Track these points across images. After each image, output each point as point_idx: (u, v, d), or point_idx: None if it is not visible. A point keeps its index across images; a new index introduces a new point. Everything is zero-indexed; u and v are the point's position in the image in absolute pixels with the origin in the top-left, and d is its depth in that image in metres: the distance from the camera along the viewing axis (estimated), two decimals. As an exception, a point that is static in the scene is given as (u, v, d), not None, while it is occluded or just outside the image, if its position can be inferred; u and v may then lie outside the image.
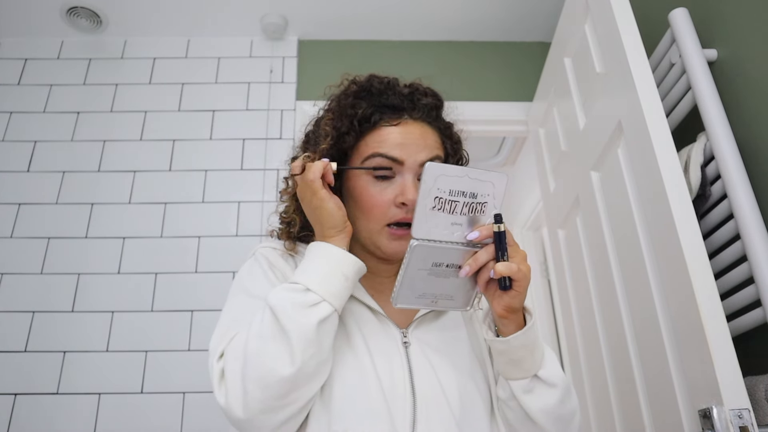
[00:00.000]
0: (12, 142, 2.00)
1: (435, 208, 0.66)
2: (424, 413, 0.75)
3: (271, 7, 2.09)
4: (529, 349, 0.76)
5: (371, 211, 0.83)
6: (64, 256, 1.84)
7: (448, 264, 0.69)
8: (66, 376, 1.69)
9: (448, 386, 0.78)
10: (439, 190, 0.65)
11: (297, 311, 0.69)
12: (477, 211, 0.67)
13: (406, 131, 0.85)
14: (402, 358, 0.79)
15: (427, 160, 0.83)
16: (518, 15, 2.17)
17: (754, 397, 1.04)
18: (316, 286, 0.72)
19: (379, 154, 0.83)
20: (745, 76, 1.21)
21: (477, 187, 0.66)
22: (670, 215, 1.08)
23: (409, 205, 0.80)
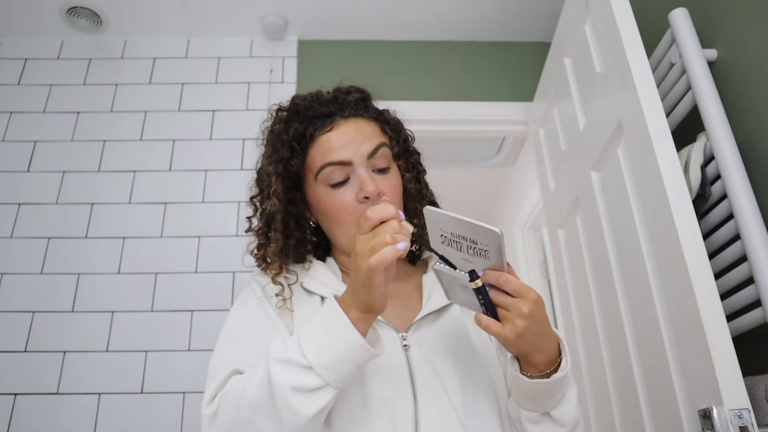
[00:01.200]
0: (12, 142, 2.00)
1: (444, 244, 0.69)
2: (426, 412, 0.74)
3: (271, 7, 2.10)
4: (550, 393, 0.74)
5: (340, 217, 0.84)
6: (64, 256, 1.84)
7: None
8: (66, 376, 1.69)
9: (451, 386, 0.77)
10: (442, 230, 0.68)
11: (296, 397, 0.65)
12: (482, 256, 0.68)
13: (342, 132, 0.87)
14: (402, 363, 0.78)
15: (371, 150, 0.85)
16: (518, 15, 2.17)
17: (754, 397, 1.04)
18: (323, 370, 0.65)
19: (327, 164, 0.84)
20: (745, 76, 1.21)
21: (475, 235, 0.66)
22: (670, 215, 1.08)
23: (372, 197, 0.82)
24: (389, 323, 0.82)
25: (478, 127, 2.20)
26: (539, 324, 0.70)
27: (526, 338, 0.69)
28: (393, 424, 0.73)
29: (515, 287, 0.68)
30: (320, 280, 0.87)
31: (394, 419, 0.73)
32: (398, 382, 0.76)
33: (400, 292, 0.89)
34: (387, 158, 0.88)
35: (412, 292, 0.90)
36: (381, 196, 0.83)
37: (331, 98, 0.92)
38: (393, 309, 0.85)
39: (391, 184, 0.87)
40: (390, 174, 0.88)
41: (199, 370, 1.71)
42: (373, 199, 0.82)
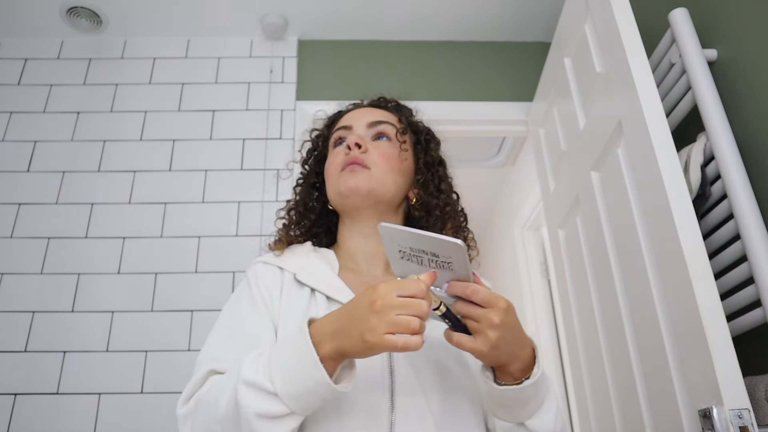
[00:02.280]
0: (12, 142, 2.00)
1: (403, 259, 0.68)
2: (403, 416, 0.74)
3: (271, 7, 2.09)
4: (522, 401, 0.73)
5: (329, 169, 0.96)
6: (64, 256, 1.84)
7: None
8: (66, 376, 1.69)
9: (432, 392, 0.77)
10: (401, 245, 0.67)
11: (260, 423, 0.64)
12: (445, 268, 0.66)
13: (356, 110, 1.03)
14: (384, 361, 0.78)
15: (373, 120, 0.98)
16: (518, 15, 2.17)
17: (754, 397, 1.04)
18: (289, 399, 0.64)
19: (335, 130, 1.01)
20: (745, 76, 1.21)
21: (436, 248, 0.65)
22: (670, 215, 1.08)
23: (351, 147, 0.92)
24: None
25: (478, 127, 2.20)
26: (512, 332, 0.68)
27: (500, 348, 0.67)
28: (367, 421, 0.72)
29: (484, 297, 0.66)
30: (314, 272, 0.87)
31: (369, 421, 0.73)
32: (377, 383, 0.76)
33: None
34: (389, 134, 0.98)
35: None
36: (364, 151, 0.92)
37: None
38: None
39: (381, 150, 0.94)
40: (386, 143, 0.96)
41: (199, 370, 1.71)
42: (352, 148, 0.92)
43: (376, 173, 0.91)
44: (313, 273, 0.87)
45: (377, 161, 0.92)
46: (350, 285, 0.86)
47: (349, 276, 0.89)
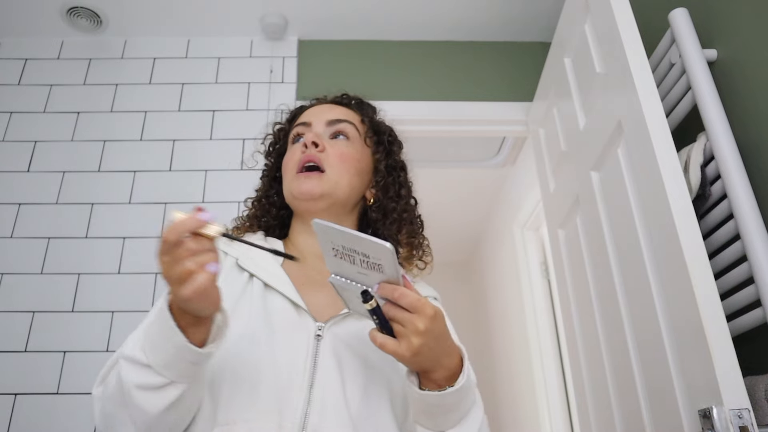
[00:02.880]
0: (12, 142, 2.01)
1: (336, 257, 0.67)
2: (318, 403, 0.73)
3: (271, 7, 2.10)
4: (445, 408, 0.71)
5: (286, 166, 0.95)
6: (64, 256, 1.84)
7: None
8: (66, 376, 1.69)
9: (352, 384, 0.76)
10: (334, 243, 0.66)
11: (141, 395, 0.65)
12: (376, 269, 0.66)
13: (317, 107, 1.03)
14: (310, 350, 0.77)
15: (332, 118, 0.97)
16: (518, 15, 2.17)
17: (754, 397, 1.04)
18: (162, 369, 0.65)
19: (294, 126, 1.00)
20: (745, 76, 1.22)
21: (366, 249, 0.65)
22: (670, 215, 1.08)
23: (308, 145, 0.92)
24: (310, 311, 0.81)
25: (478, 127, 2.20)
26: (437, 340, 0.67)
27: (423, 355, 0.67)
28: (279, 411, 0.71)
29: (411, 302, 0.66)
30: (255, 259, 0.86)
31: (282, 406, 0.72)
32: (298, 369, 0.75)
33: None
34: (349, 133, 0.97)
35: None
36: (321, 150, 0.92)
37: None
38: (326, 297, 0.83)
39: (338, 150, 0.94)
40: (344, 142, 0.96)
41: (199, 370, 1.71)
42: (309, 146, 0.92)
43: (331, 175, 0.91)
44: (254, 259, 0.86)
45: (333, 162, 0.92)
46: (293, 275, 0.86)
47: (293, 266, 0.88)
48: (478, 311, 3.93)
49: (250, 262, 0.86)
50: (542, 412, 2.56)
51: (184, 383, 0.66)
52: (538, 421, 2.59)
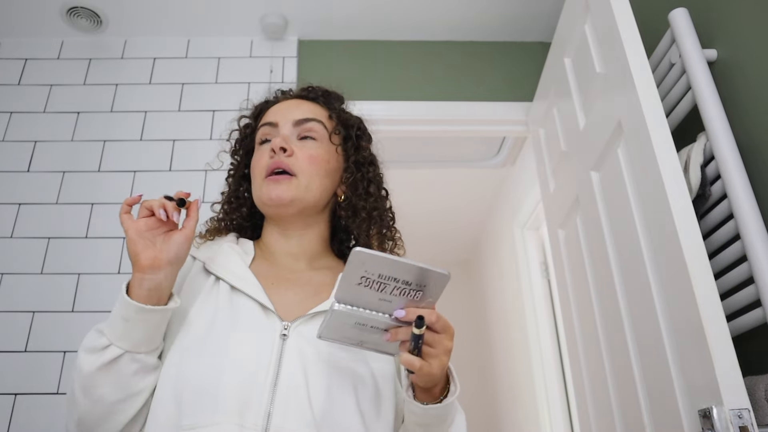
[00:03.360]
0: (12, 142, 2.00)
1: (361, 285, 0.66)
2: (282, 404, 0.72)
3: (271, 7, 2.09)
4: (442, 418, 0.76)
5: (255, 170, 0.93)
6: (64, 256, 1.84)
7: (372, 326, 0.70)
8: (66, 376, 1.69)
9: (316, 385, 0.75)
10: (367, 272, 0.65)
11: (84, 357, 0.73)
12: (409, 296, 0.67)
13: (282, 104, 1.00)
14: (274, 350, 0.76)
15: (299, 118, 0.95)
16: (518, 15, 2.17)
17: (754, 397, 1.04)
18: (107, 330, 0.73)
19: (261, 125, 0.97)
20: (745, 76, 1.22)
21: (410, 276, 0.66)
22: (670, 215, 1.08)
23: (276, 150, 0.89)
24: (277, 311, 0.81)
25: (478, 127, 2.20)
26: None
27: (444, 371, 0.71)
28: (241, 412, 0.71)
29: (444, 324, 0.69)
30: (222, 263, 0.87)
31: (245, 408, 0.71)
32: (262, 370, 0.74)
33: (312, 280, 0.90)
34: (317, 133, 0.95)
35: (326, 284, 0.89)
36: (289, 155, 0.90)
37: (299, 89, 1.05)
38: (296, 296, 0.85)
39: (307, 152, 0.92)
40: (312, 144, 0.94)
41: (199, 370, 1.71)
42: (277, 152, 0.89)
43: (302, 180, 0.90)
44: (222, 263, 0.87)
45: (303, 166, 0.90)
46: (262, 275, 0.86)
47: (263, 266, 0.89)
48: (478, 311, 3.93)
49: (218, 267, 0.86)
50: (542, 412, 2.56)
51: (120, 348, 0.72)
52: (538, 421, 2.59)
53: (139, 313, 0.72)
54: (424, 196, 3.27)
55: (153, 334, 0.75)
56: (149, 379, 0.76)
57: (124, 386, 0.73)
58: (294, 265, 0.92)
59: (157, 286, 0.74)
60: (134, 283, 0.74)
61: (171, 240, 0.76)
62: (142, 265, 0.73)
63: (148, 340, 0.74)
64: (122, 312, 0.72)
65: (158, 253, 0.74)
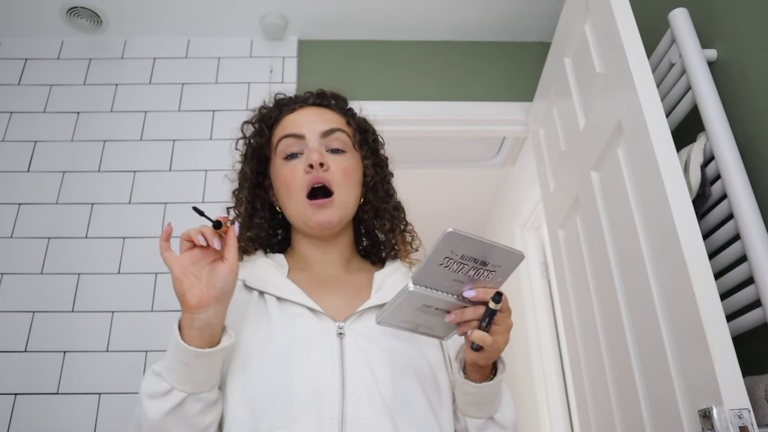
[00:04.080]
0: (12, 142, 2.00)
1: (442, 266, 0.68)
2: (353, 395, 0.75)
3: (271, 7, 2.09)
4: (494, 395, 0.80)
5: (289, 187, 0.91)
6: (64, 256, 1.84)
7: (437, 307, 0.72)
8: (66, 376, 1.69)
9: (382, 375, 0.78)
10: (452, 253, 0.67)
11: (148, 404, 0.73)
12: (482, 275, 0.70)
13: (303, 113, 0.97)
14: (335, 348, 0.79)
15: (326, 129, 0.94)
16: (518, 15, 2.17)
17: (754, 397, 1.04)
18: (167, 374, 0.73)
19: (283, 137, 0.94)
20: (745, 76, 1.21)
21: (490, 256, 0.68)
22: (670, 215, 1.08)
23: (314, 165, 0.88)
24: (327, 313, 0.83)
25: (478, 127, 2.20)
26: None
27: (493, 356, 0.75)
28: (317, 409, 0.74)
29: (506, 303, 0.72)
30: (262, 276, 0.88)
31: (320, 404, 0.74)
32: (328, 368, 0.77)
33: (351, 282, 0.93)
34: (344, 143, 0.95)
35: (364, 284, 0.92)
36: (326, 169, 0.90)
37: (306, 93, 1.03)
38: (340, 297, 0.88)
39: (341, 165, 0.92)
40: (343, 156, 0.94)
41: (199, 370, 1.71)
42: (316, 167, 0.88)
43: (340, 196, 0.91)
44: (262, 277, 0.88)
45: (339, 181, 0.91)
46: (302, 283, 0.88)
47: (300, 275, 0.91)
48: (478, 311, 3.92)
49: (258, 281, 0.88)
50: (542, 412, 2.56)
51: (183, 391, 0.72)
52: (538, 422, 2.59)
53: (198, 357, 0.72)
54: (424, 196, 3.27)
55: (213, 373, 0.75)
56: (214, 412, 0.77)
57: (192, 425, 0.74)
58: (331, 270, 0.95)
59: (207, 324, 0.73)
60: (185, 324, 0.73)
61: (216, 274, 0.73)
62: (190, 305, 0.72)
63: (209, 379, 0.75)
64: (181, 357, 0.72)
65: (204, 291, 0.72)
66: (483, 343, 0.70)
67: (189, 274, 0.72)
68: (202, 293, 0.72)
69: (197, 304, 0.71)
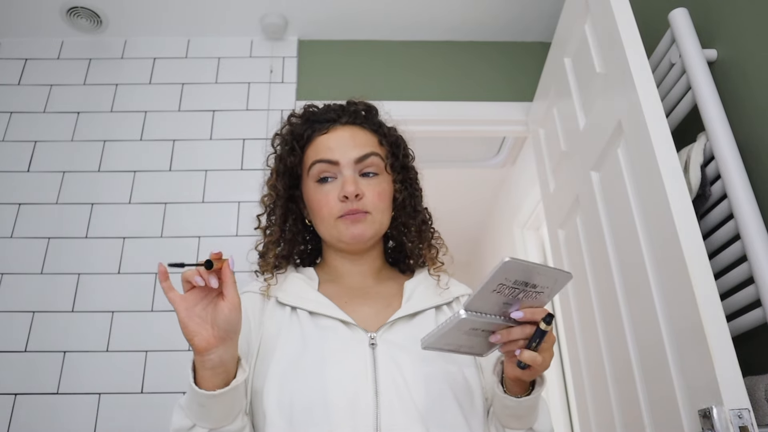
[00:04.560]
0: (12, 142, 2.00)
1: (494, 291, 0.69)
2: (387, 404, 0.78)
3: (271, 7, 2.09)
4: (533, 407, 0.81)
5: (320, 211, 0.92)
6: (64, 256, 1.84)
7: (483, 329, 0.73)
8: (66, 376, 1.69)
9: (414, 382, 0.80)
10: (506, 279, 0.68)
11: None
12: (530, 296, 0.71)
13: (336, 136, 0.96)
14: (367, 360, 0.82)
15: (360, 156, 0.93)
16: (518, 15, 2.17)
17: (754, 397, 1.04)
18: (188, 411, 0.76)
19: (317, 161, 0.94)
20: (745, 76, 1.21)
21: (541, 279, 0.70)
22: (670, 215, 1.08)
23: (350, 197, 0.89)
24: (359, 324, 0.86)
25: (478, 127, 2.20)
26: None
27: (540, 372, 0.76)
28: (353, 417, 0.76)
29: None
30: (294, 291, 0.91)
31: (355, 413, 0.76)
32: (361, 377, 0.80)
33: (381, 293, 0.95)
34: (377, 167, 0.95)
35: (394, 294, 0.95)
36: (360, 198, 0.91)
37: (337, 107, 1.01)
38: (371, 308, 0.90)
39: (375, 190, 0.93)
40: (376, 180, 0.94)
41: (199, 370, 1.71)
42: (351, 199, 0.90)
43: (376, 216, 0.93)
44: (294, 293, 0.91)
45: (375, 203, 0.92)
46: (333, 296, 0.91)
47: (331, 288, 0.93)
48: (478, 311, 3.92)
49: (290, 297, 0.90)
50: (542, 412, 2.55)
51: (204, 427, 0.75)
52: (538, 421, 2.58)
53: (211, 399, 0.73)
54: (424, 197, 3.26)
55: (230, 409, 0.76)
56: None
57: None
58: (363, 282, 0.97)
59: (219, 363, 0.73)
60: (197, 365, 0.74)
61: (218, 313, 0.73)
62: (198, 349, 0.72)
63: (227, 415, 0.76)
64: (196, 399, 0.74)
65: (211, 333, 0.73)
66: (533, 363, 0.72)
67: (194, 316, 0.73)
68: (209, 335, 0.72)
69: (205, 347, 0.72)
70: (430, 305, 0.91)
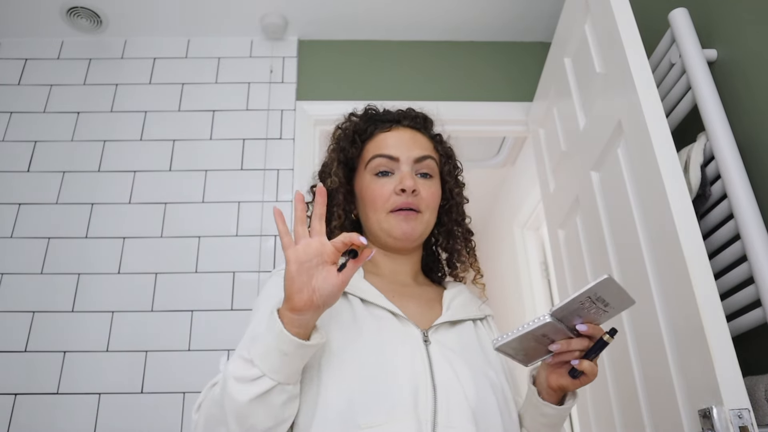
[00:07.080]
0: (12, 142, 2.00)
1: (581, 303, 0.74)
2: (444, 401, 0.79)
3: (271, 7, 2.09)
4: (565, 416, 0.87)
5: (375, 202, 0.95)
6: (64, 256, 1.84)
7: (549, 336, 0.77)
8: (66, 376, 1.69)
9: (465, 380, 0.83)
10: (594, 294, 0.73)
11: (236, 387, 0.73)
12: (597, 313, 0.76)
13: (398, 135, 1.01)
14: (423, 354, 0.83)
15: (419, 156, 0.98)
16: (518, 15, 2.17)
17: (754, 397, 1.04)
18: (259, 361, 0.73)
19: (377, 155, 0.98)
20: (745, 76, 1.21)
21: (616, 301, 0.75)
22: (670, 215, 1.08)
23: (407, 190, 0.92)
24: (411, 319, 0.88)
25: (478, 127, 2.20)
26: None
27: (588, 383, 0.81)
28: (415, 410, 0.77)
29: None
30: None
31: (417, 405, 0.78)
32: (420, 372, 0.81)
33: (423, 295, 0.98)
34: (432, 170, 1.00)
35: (433, 299, 0.98)
36: (416, 193, 0.94)
37: (399, 111, 1.06)
38: (417, 308, 0.92)
39: (430, 190, 0.97)
40: (431, 182, 0.99)
41: (199, 370, 1.71)
42: (408, 193, 0.93)
43: (426, 216, 0.96)
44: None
45: (428, 203, 0.96)
46: (379, 289, 0.92)
47: (375, 281, 0.95)
48: (478, 311, 3.92)
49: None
50: (542, 412, 2.55)
51: (274, 380, 0.73)
52: (538, 421, 2.58)
53: (299, 348, 0.74)
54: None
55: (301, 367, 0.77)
56: (294, 406, 0.78)
57: (274, 416, 0.75)
58: (404, 281, 0.99)
59: (305, 324, 0.75)
60: (285, 320, 0.74)
61: (326, 282, 0.73)
62: (295, 306, 0.73)
63: (297, 372, 0.77)
64: (281, 346, 0.73)
65: (311, 296, 0.73)
66: (591, 373, 0.77)
67: (302, 273, 0.73)
68: (309, 298, 0.73)
69: (302, 307, 0.73)
70: (470, 317, 0.95)
